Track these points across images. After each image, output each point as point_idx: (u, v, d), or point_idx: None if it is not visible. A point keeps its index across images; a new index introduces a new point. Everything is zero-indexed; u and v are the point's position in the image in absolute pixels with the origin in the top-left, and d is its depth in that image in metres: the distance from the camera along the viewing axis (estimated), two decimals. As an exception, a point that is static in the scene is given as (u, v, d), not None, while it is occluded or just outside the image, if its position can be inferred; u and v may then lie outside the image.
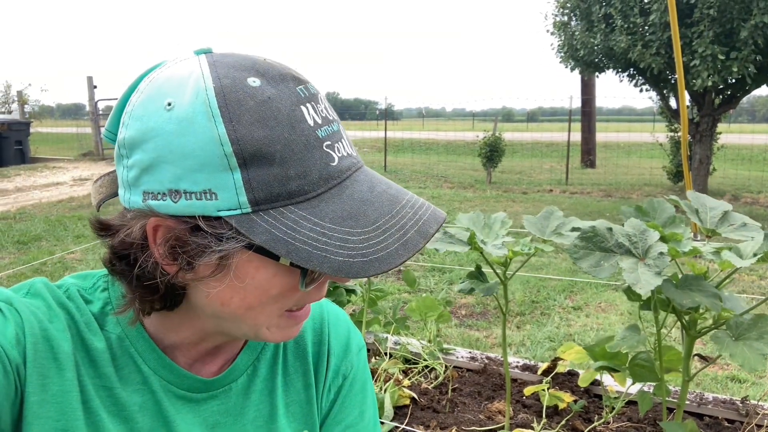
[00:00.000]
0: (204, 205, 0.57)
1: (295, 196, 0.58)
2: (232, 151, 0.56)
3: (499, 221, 2.06)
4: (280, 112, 0.57)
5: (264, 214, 0.57)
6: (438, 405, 2.46)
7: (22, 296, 0.66)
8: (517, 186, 13.09)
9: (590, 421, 2.31)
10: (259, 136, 0.56)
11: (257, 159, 0.56)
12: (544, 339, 4.29)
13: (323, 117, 0.61)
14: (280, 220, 0.57)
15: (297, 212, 0.57)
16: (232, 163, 0.56)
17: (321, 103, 0.62)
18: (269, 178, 0.57)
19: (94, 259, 6.29)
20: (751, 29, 7.91)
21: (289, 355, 0.81)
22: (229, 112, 0.56)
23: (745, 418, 2.26)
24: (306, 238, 0.56)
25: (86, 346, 0.67)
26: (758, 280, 5.67)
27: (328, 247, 0.56)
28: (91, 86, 17.46)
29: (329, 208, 0.58)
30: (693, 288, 1.62)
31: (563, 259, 6.46)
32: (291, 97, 0.59)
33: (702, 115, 9.65)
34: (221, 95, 0.57)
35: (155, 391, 0.69)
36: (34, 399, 0.61)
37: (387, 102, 17.97)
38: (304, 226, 0.57)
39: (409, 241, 0.58)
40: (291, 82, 0.60)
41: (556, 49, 10.98)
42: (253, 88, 0.58)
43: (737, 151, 17.81)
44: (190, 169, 0.56)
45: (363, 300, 2.79)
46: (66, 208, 9.53)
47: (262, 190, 0.57)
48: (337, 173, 0.60)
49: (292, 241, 0.56)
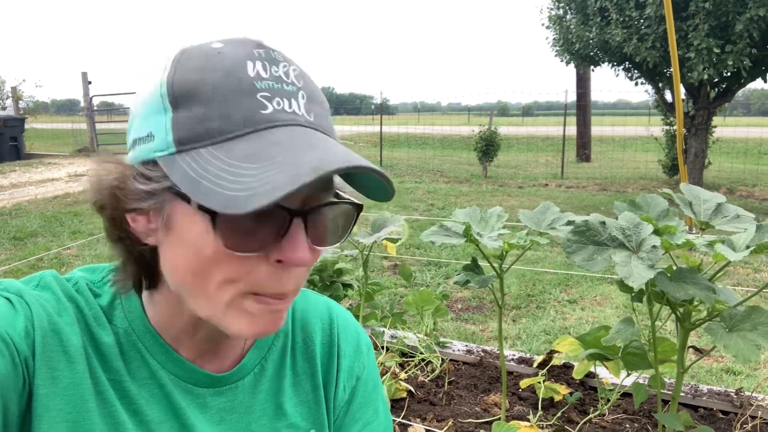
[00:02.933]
0: (146, 149, 0.60)
1: (215, 135, 0.57)
2: (166, 91, 0.58)
3: (495, 215, 2.07)
4: (222, 63, 0.58)
5: (186, 154, 0.57)
6: (435, 398, 2.47)
7: (32, 289, 0.67)
8: (513, 180, 13.10)
9: (586, 413, 2.33)
10: (191, 78, 0.58)
11: (185, 99, 0.57)
12: (539, 332, 4.31)
13: (275, 76, 0.60)
14: (196, 160, 0.56)
15: (212, 152, 0.56)
16: (165, 104, 0.58)
17: (282, 68, 0.61)
18: (193, 117, 0.57)
19: (90, 255, 6.28)
20: (746, 22, 7.92)
21: (298, 356, 0.81)
22: (178, 63, 0.60)
23: (739, 409, 2.28)
24: (211, 176, 0.55)
25: (95, 340, 0.67)
26: (753, 273, 5.69)
27: (224, 182, 0.54)
28: (86, 82, 17.38)
29: (240, 147, 0.56)
30: (687, 280, 1.63)
31: (558, 252, 6.48)
32: (241, 54, 0.59)
33: (697, 108, 9.66)
34: (181, 52, 0.61)
35: (164, 385, 0.70)
36: (43, 391, 0.61)
37: (382, 96, 17.97)
38: (214, 165, 0.55)
39: (300, 175, 0.52)
40: (252, 46, 0.61)
41: (552, 43, 10.98)
42: (210, 47, 0.61)
43: (732, 145, 17.86)
44: (142, 117, 0.61)
45: (360, 294, 2.80)
46: (61, 204, 9.50)
47: (186, 129, 0.57)
48: (265, 120, 0.57)
49: (199, 179, 0.55)
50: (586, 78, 17.52)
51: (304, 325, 0.82)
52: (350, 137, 24.44)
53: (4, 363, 0.58)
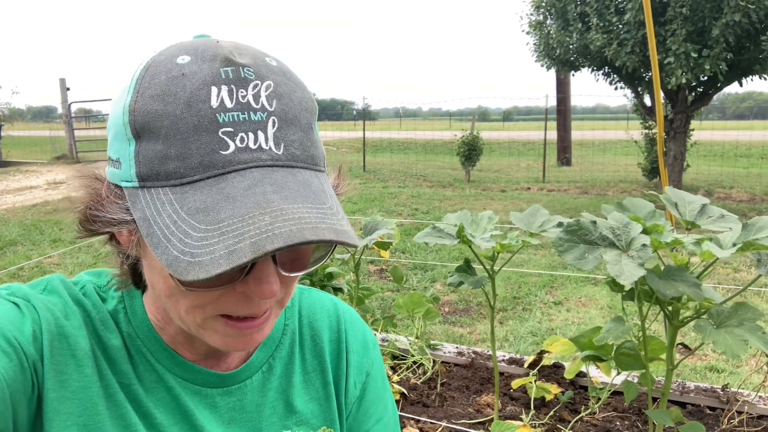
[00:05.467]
0: (115, 173, 0.60)
1: (171, 177, 0.55)
2: (128, 120, 0.57)
3: (486, 218, 2.10)
4: (184, 89, 0.55)
5: (146, 191, 0.56)
6: (427, 399, 2.49)
7: (39, 293, 0.67)
8: (496, 184, 13.20)
9: (577, 411, 2.36)
10: (152, 109, 0.55)
11: (146, 132, 0.56)
12: (526, 334, 4.35)
13: (242, 103, 0.56)
14: (153, 200, 0.55)
15: (168, 195, 0.55)
16: (128, 134, 0.57)
17: (251, 90, 0.57)
18: (152, 154, 0.55)
19: (72, 263, 6.21)
20: (722, 27, 8.09)
21: (307, 353, 0.81)
22: (141, 84, 0.57)
23: (725, 405, 2.32)
24: (162, 224, 0.54)
25: (103, 343, 0.67)
26: (733, 273, 5.80)
27: (173, 237, 0.53)
28: (64, 88, 17.17)
29: (193, 197, 0.54)
30: (676, 278, 1.67)
31: (543, 254, 6.55)
32: (206, 76, 0.56)
33: (676, 112, 9.83)
34: (146, 68, 0.58)
35: (171, 388, 0.70)
36: (53, 395, 0.61)
37: (364, 102, 17.99)
38: (165, 211, 0.54)
39: (237, 251, 0.50)
40: (220, 62, 0.57)
41: (532, 49, 11.10)
42: (175, 65, 0.57)
43: (709, 148, 18.19)
44: (113, 137, 0.60)
45: (350, 298, 2.81)
46: (41, 212, 9.37)
47: (146, 165, 0.56)
48: (223, 163, 0.54)
49: (152, 222, 0.55)
50: (566, 83, 17.72)
51: (312, 322, 0.83)
52: (332, 143, 24.43)
53: (12, 368, 0.58)
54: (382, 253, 2.48)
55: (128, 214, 0.58)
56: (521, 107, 62.46)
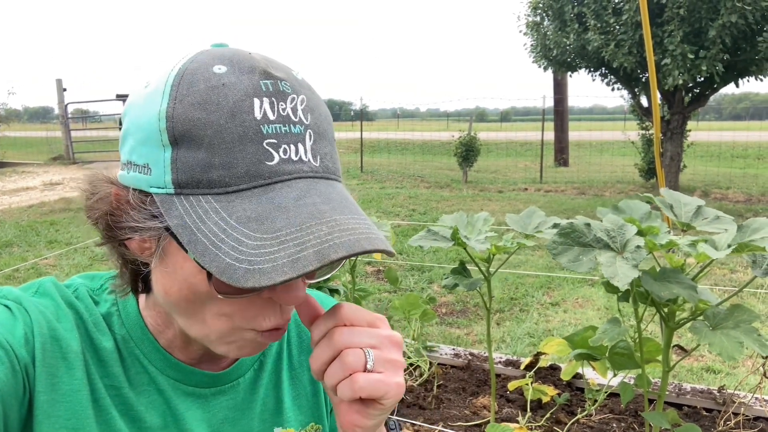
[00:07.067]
0: (142, 179, 0.58)
1: (215, 186, 0.55)
2: (165, 127, 0.55)
3: (481, 219, 2.09)
4: (226, 99, 0.55)
5: (184, 198, 0.55)
6: (424, 402, 2.48)
7: (31, 295, 0.66)
8: (493, 185, 13.20)
9: (573, 413, 2.36)
10: (193, 117, 0.55)
11: (186, 140, 0.55)
12: (523, 335, 4.35)
13: (283, 116, 0.57)
14: (194, 207, 0.55)
15: (211, 203, 0.55)
16: (164, 140, 0.56)
17: (289, 103, 0.58)
18: (194, 161, 0.55)
19: (68, 265, 6.19)
20: (719, 28, 8.10)
21: (294, 350, 0.82)
22: (178, 91, 0.56)
23: (722, 406, 2.32)
24: (208, 231, 0.53)
25: (95, 346, 0.67)
26: (729, 274, 5.81)
27: (224, 245, 0.53)
28: (61, 89, 17.15)
29: (242, 206, 0.54)
30: (671, 280, 1.67)
31: (540, 256, 6.54)
32: (247, 88, 0.56)
33: (672, 113, 9.84)
34: (180, 75, 0.57)
35: (163, 390, 0.70)
36: (44, 398, 0.61)
37: (362, 102, 17.99)
38: (211, 219, 0.54)
39: (301, 259, 0.51)
40: (259, 74, 0.57)
41: (530, 49, 11.11)
42: (213, 74, 0.57)
43: (706, 148, 18.22)
44: (139, 142, 0.58)
45: (347, 300, 2.80)
46: (37, 213, 9.35)
47: (185, 172, 0.55)
48: (269, 173, 0.55)
49: (195, 230, 0.54)
50: (564, 83, 17.72)
51: (296, 318, 0.83)
52: (330, 143, 24.35)
53: (4, 370, 0.58)
54: (375, 256, 2.48)
55: (155, 221, 0.57)
56: (519, 108, 62.58)
